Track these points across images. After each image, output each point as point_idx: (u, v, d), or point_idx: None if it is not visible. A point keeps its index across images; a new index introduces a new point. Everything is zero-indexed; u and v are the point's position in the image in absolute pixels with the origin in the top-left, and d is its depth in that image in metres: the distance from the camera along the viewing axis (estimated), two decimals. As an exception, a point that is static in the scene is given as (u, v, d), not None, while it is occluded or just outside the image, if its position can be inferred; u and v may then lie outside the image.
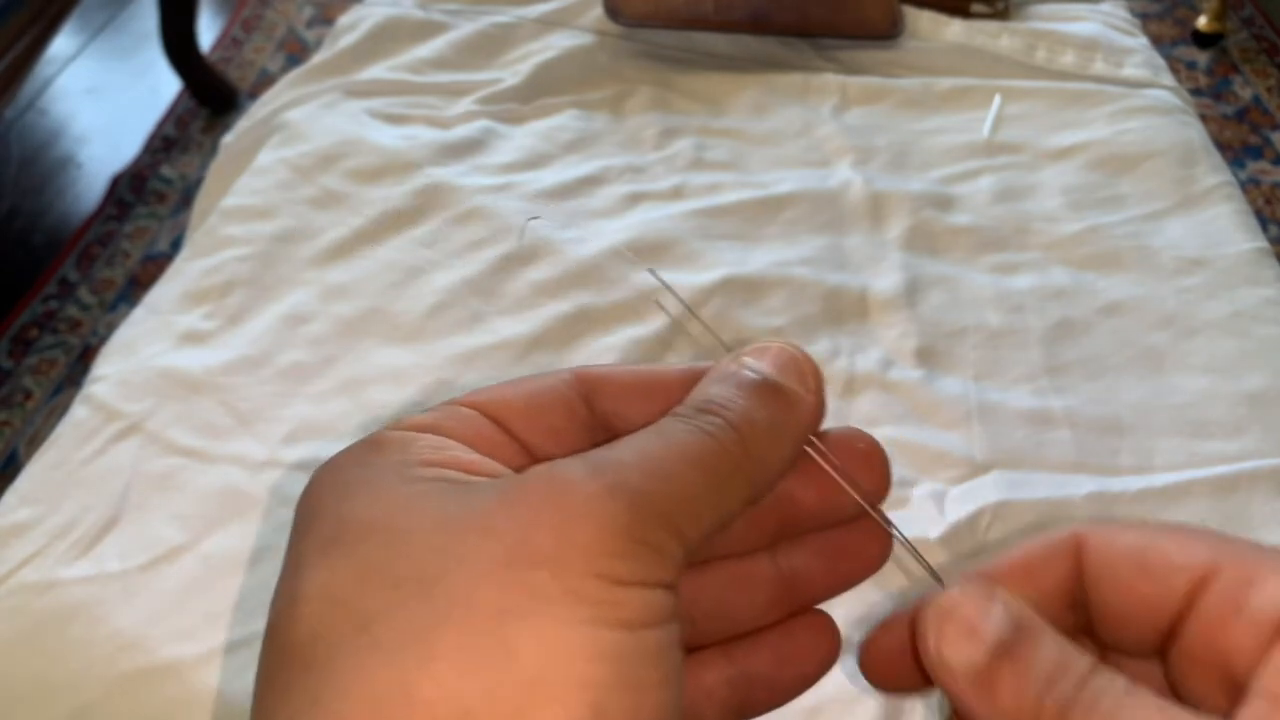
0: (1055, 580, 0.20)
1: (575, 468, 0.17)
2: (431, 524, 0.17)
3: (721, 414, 0.19)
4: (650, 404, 0.21)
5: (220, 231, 0.68)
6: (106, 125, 1.52)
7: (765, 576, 0.22)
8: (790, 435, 0.20)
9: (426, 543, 0.16)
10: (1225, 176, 0.73)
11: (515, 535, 0.16)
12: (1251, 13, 1.58)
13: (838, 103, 0.80)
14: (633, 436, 0.19)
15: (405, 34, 0.86)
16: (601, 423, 0.21)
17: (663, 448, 0.18)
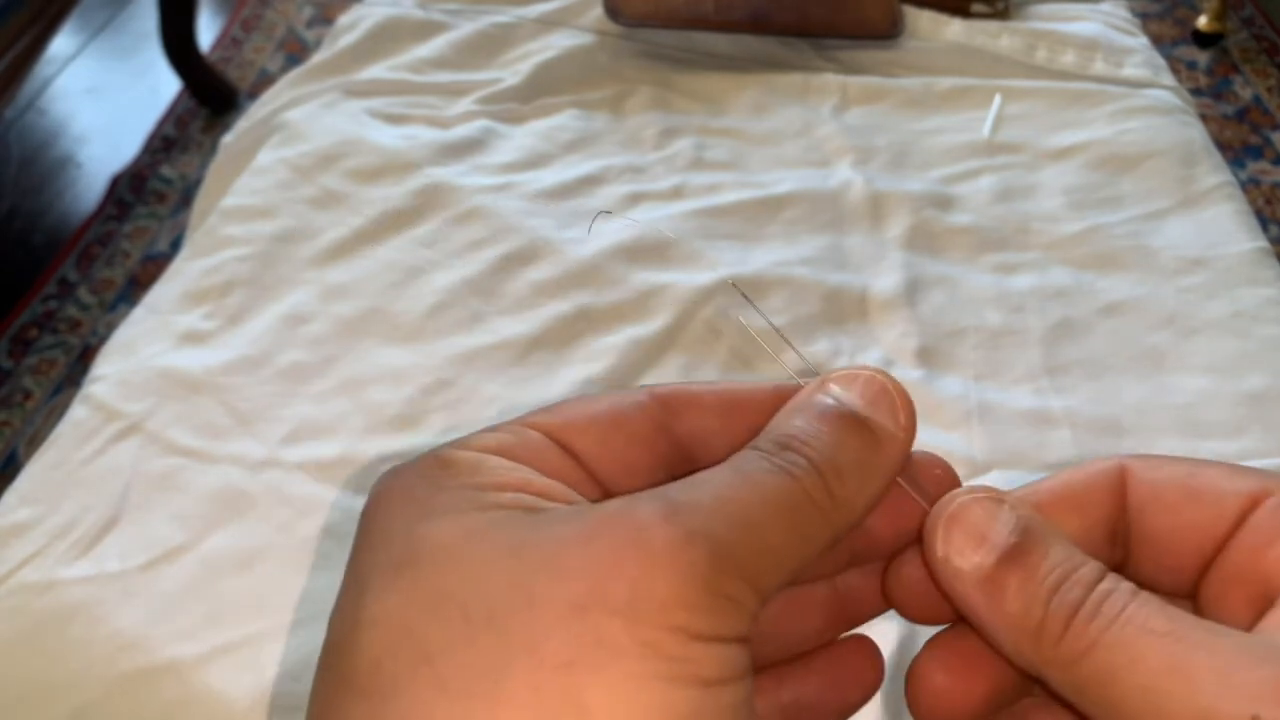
0: (1098, 510, 0.20)
1: (653, 509, 0.16)
2: (506, 554, 0.16)
3: (805, 452, 0.18)
4: (734, 426, 0.20)
5: (220, 231, 0.68)
6: (106, 125, 1.52)
7: (821, 599, 0.22)
8: (878, 475, 0.19)
9: (499, 575, 0.16)
10: (1225, 176, 0.73)
11: (590, 579, 0.16)
12: (1252, 12, 1.58)
13: (838, 102, 0.80)
14: (711, 473, 0.18)
15: (405, 34, 0.86)
16: (679, 446, 0.20)
17: (745, 491, 0.17)
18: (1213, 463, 0.19)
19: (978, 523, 0.19)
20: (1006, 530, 0.18)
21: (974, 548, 0.18)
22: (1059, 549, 0.18)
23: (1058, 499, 0.20)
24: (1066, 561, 0.18)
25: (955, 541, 0.19)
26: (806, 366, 0.21)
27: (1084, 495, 0.20)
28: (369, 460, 0.54)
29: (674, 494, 0.17)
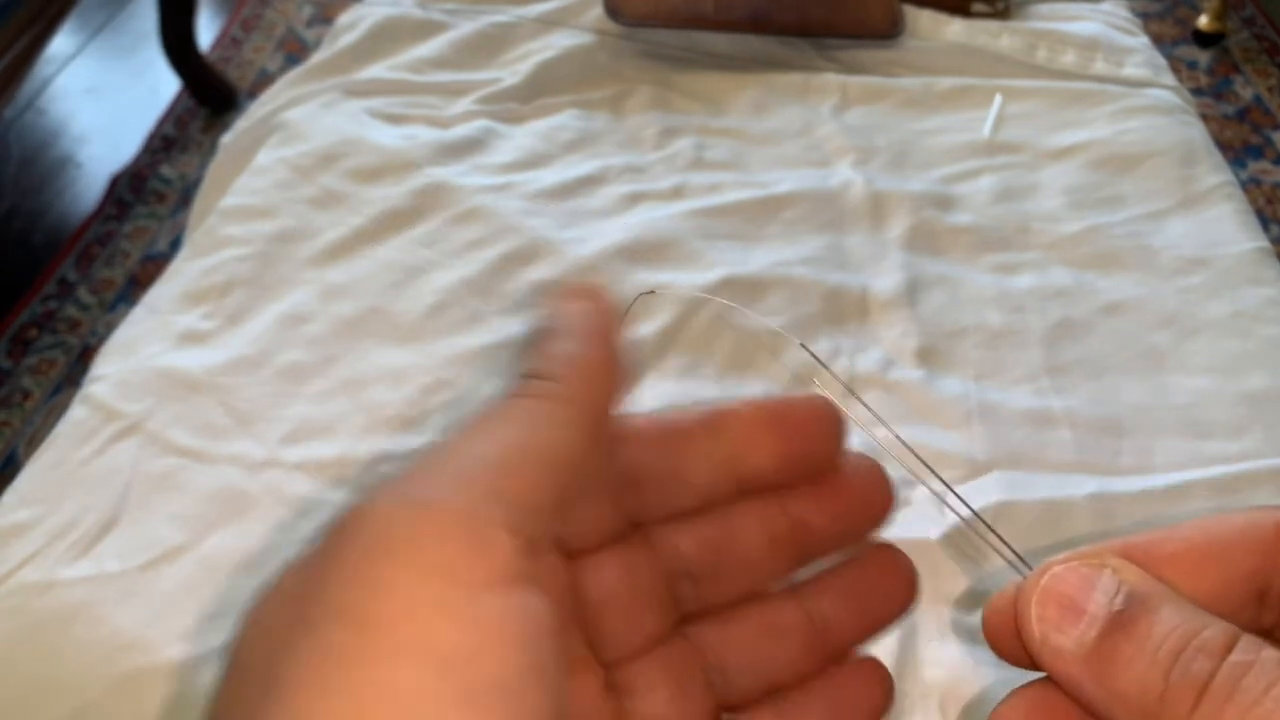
0: (1240, 565, 0.17)
1: (383, 498, 0.16)
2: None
3: (529, 373, 0.18)
4: (676, 456, 0.20)
5: (219, 231, 0.68)
6: (106, 125, 1.51)
7: (794, 623, 0.21)
8: (598, 349, 0.19)
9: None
10: (1226, 176, 0.72)
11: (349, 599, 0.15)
12: (1252, 12, 1.57)
13: (838, 102, 0.80)
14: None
15: (405, 33, 0.86)
16: (628, 478, 0.20)
17: (486, 427, 0.17)
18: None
19: (1074, 593, 0.17)
20: (1108, 598, 0.16)
21: (1072, 622, 0.16)
22: (1173, 610, 0.16)
23: (1187, 551, 0.17)
24: (1185, 624, 0.16)
25: (1050, 617, 0.17)
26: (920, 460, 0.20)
27: (1221, 548, 0.17)
28: (368, 460, 0.54)
29: (400, 481, 0.16)
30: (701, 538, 0.21)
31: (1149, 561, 0.17)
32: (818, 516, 0.21)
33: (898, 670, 0.46)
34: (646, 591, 0.20)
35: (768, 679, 0.21)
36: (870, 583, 0.22)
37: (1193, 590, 0.17)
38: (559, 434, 0.17)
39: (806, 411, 0.21)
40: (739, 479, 0.21)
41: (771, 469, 0.21)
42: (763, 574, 0.21)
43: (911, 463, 0.21)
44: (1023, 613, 0.17)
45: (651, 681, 0.20)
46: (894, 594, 0.22)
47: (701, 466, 0.21)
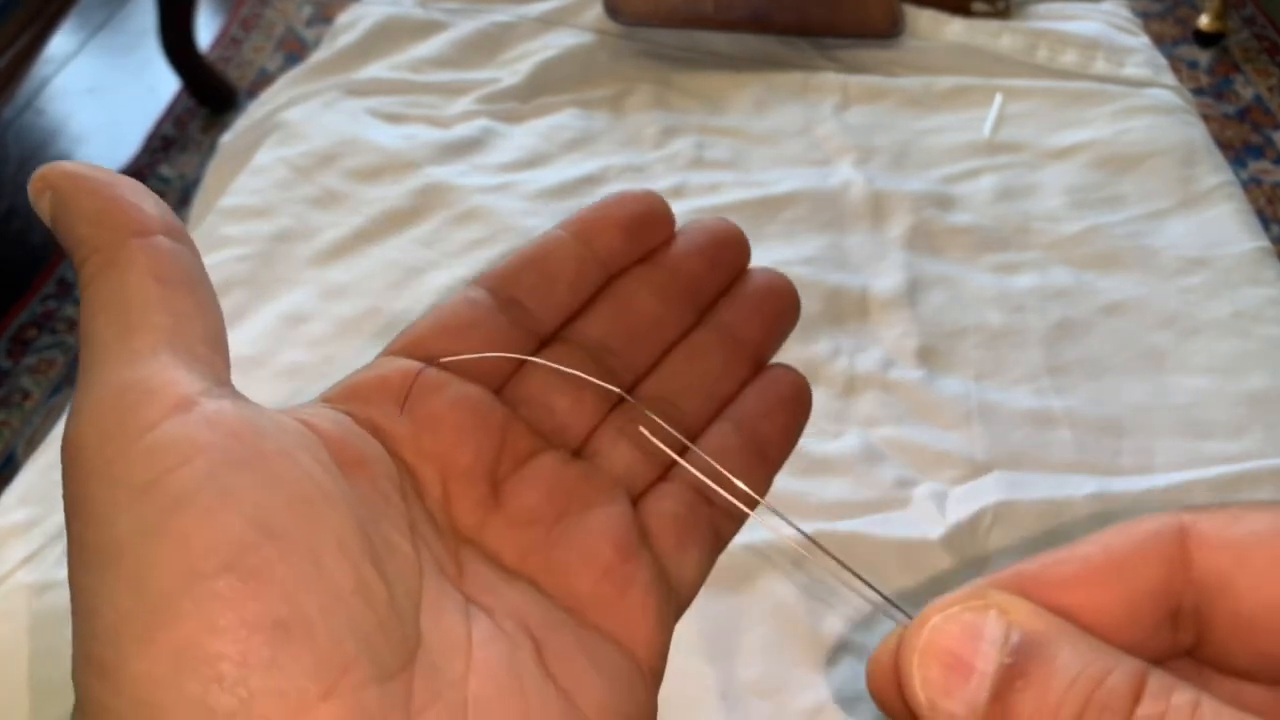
0: (1145, 583, 0.15)
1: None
2: None
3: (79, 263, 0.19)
4: (541, 272, 0.23)
5: (219, 231, 0.68)
6: (105, 124, 1.51)
7: (710, 341, 0.23)
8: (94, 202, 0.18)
9: None
10: (1227, 176, 0.72)
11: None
12: (1253, 12, 1.57)
13: (838, 102, 0.80)
14: None
15: (404, 33, 0.86)
16: (514, 305, 0.23)
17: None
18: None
19: (958, 647, 0.15)
20: (996, 649, 0.14)
21: (959, 683, 0.15)
22: (1073, 653, 0.14)
23: (1085, 573, 0.16)
24: (1087, 670, 0.14)
25: (935, 679, 0.15)
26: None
27: (1122, 565, 0.16)
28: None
29: None
30: (601, 316, 0.23)
31: (1044, 590, 0.15)
32: (687, 262, 0.23)
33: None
34: (581, 382, 0.22)
35: (709, 396, 0.23)
36: (757, 300, 0.24)
37: (1096, 618, 0.15)
38: (118, 283, 0.17)
39: (632, 202, 0.24)
40: (602, 266, 0.23)
41: (623, 245, 0.23)
42: (667, 323, 0.23)
43: (734, 497, 0.21)
44: (905, 675, 0.15)
45: (613, 438, 0.22)
46: (784, 303, 0.24)
47: (565, 269, 0.23)
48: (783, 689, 0.46)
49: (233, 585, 0.14)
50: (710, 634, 0.47)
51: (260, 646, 0.14)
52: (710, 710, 0.45)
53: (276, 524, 0.15)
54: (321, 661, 0.15)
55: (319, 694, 0.14)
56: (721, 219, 0.24)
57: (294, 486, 0.16)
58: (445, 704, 0.16)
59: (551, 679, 0.18)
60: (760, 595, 0.48)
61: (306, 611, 0.15)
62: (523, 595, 0.19)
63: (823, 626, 0.47)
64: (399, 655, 0.16)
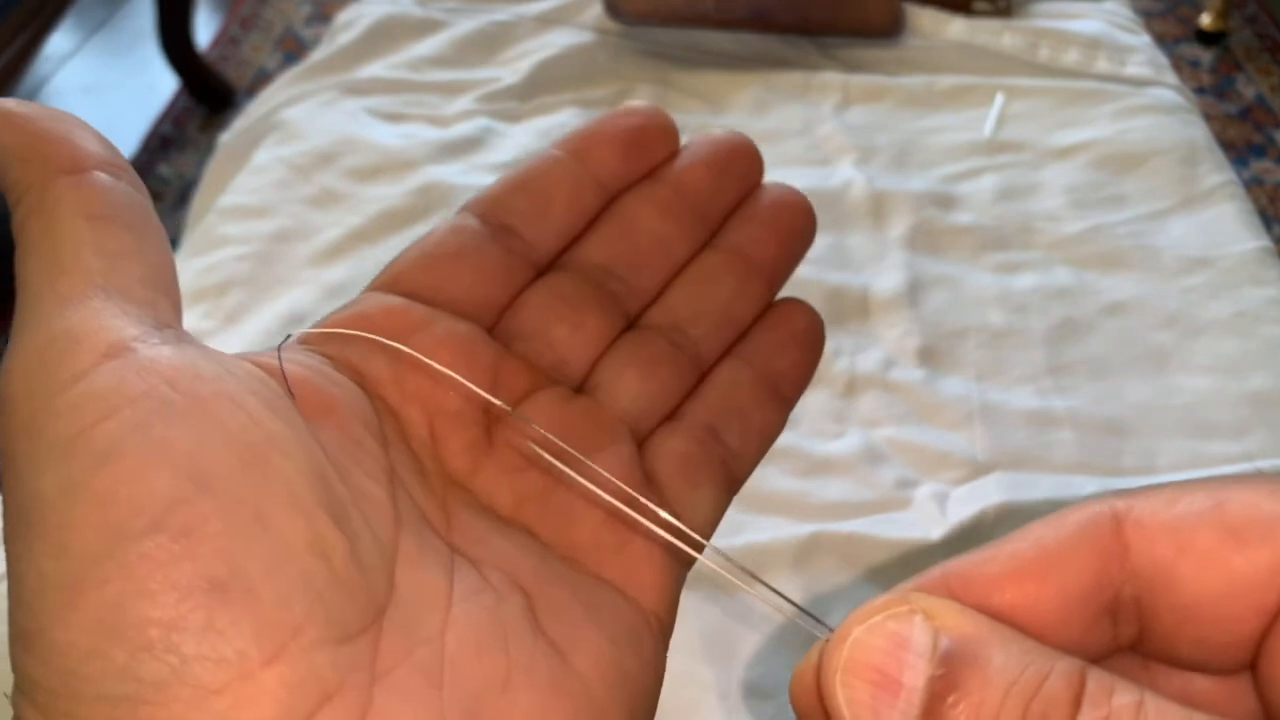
0: (1080, 576, 0.14)
1: None
2: None
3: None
4: (534, 195, 0.21)
5: (217, 231, 0.68)
6: (103, 124, 1.49)
7: (722, 264, 0.22)
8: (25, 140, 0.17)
9: None
10: (1229, 175, 0.72)
11: None
12: (1255, 11, 1.57)
13: (839, 101, 0.80)
14: None
15: (404, 32, 0.86)
16: (506, 232, 0.22)
17: None
18: (1235, 479, 0.14)
19: (882, 661, 0.13)
20: (925, 660, 0.13)
21: (887, 701, 0.13)
22: (1006, 658, 0.13)
23: (1016, 569, 0.14)
24: (1024, 676, 0.13)
25: (861, 699, 0.13)
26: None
27: (1055, 558, 0.14)
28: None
29: None
30: (602, 239, 0.22)
31: (973, 591, 0.14)
32: (693, 176, 0.22)
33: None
34: (576, 301, 0.21)
35: (721, 322, 0.22)
36: (770, 217, 0.23)
37: (1029, 618, 0.14)
38: (46, 225, 0.16)
39: (636, 115, 0.22)
40: (600, 186, 0.21)
41: (620, 164, 0.22)
42: (674, 244, 0.22)
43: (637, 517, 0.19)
44: (828, 696, 0.14)
45: (618, 370, 0.21)
46: (799, 220, 0.23)
47: (561, 190, 0.21)
48: (783, 690, 0.45)
49: (162, 545, 0.13)
50: (710, 635, 0.47)
51: (194, 610, 0.13)
52: (710, 711, 0.44)
53: (214, 476, 0.14)
54: (265, 623, 0.14)
55: (262, 659, 0.13)
56: (731, 130, 0.23)
57: (237, 434, 0.15)
58: (417, 662, 0.15)
59: (543, 633, 0.17)
60: (760, 596, 0.48)
61: (247, 570, 0.14)
62: (516, 545, 0.18)
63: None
64: (361, 613, 0.15)
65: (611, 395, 0.20)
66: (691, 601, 0.48)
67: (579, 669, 0.17)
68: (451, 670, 0.15)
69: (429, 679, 0.15)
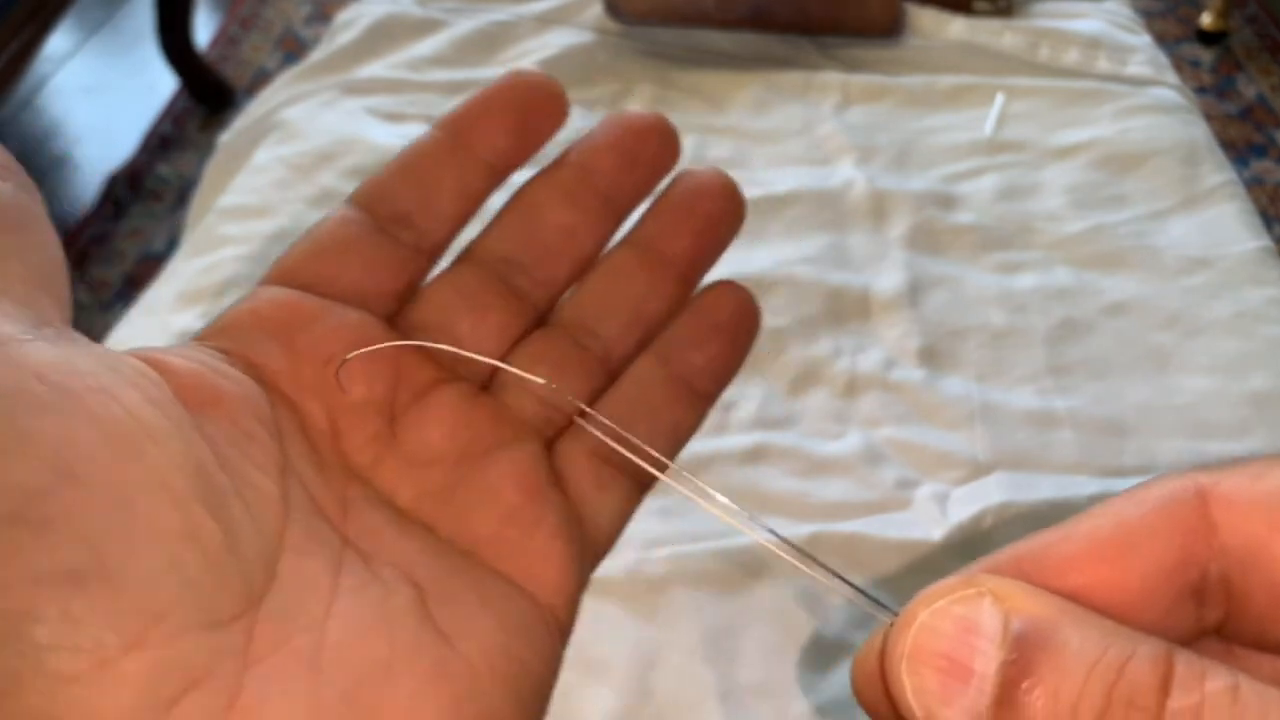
0: (1164, 560, 0.13)
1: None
2: None
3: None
4: (419, 182, 0.20)
5: (217, 231, 0.68)
6: (103, 124, 1.51)
7: (631, 260, 0.21)
8: None
9: None
10: (1229, 175, 0.72)
11: None
12: (1255, 11, 1.57)
13: (839, 101, 0.80)
14: None
15: (403, 31, 0.86)
16: (396, 221, 0.20)
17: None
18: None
19: (951, 648, 0.13)
20: (995, 645, 0.12)
21: (958, 689, 0.13)
22: (1084, 639, 0.12)
23: (1094, 549, 0.14)
24: (1105, 658, 0.12)
25: (930, 687, 0.13)
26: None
27: (1136, 537, 0.14)
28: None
29: None
30: (504, 229, 0.21)
31: (1047, 573, 0.14)
32: (599, 160, 0.21)
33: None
34: (479, 294, 0.20)
35: (631, 321, 0.21)
36: (685, 205, 0.21)
37: (1108, 600, 0.13)
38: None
39: (519, 84, 0.21)
40: (490, 169, 0.21)
41: (509, 146, 0.20)
42: (580, 234, 0.21)
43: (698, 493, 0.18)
44: (894, 683, 0.13)
45: (527, 366, 0.20)
46: (718, 206, 0.21)
47: (447, 178, 0.20)
48: (783, 691, 0.45)
49: (18, 537, 0.13)
50: (710, 636, 0.47)
51: (48, 601, 0.13)
52: (710, 712, 0.44)
53: (80, 467, 0.14)
54: (125, 610, 0.13)
55: (121, 645, 0.13)
56: (648, 112, 0.21)
57: (109, 426, 0.14)
58: (294, 649, 0.15)
59: (430, 622, 0.17)
60: (760, 597, 0.48)
61: (109, 559, 0.14)
62: (412, 539, 0.18)
63: (824, 628, 0.47)
64: (235, 600, 0.15)
65: (517, 394, 0.20)
66: (691, 601, 0.48)
67: (465, 654, 0.17)
68: (331, 657, 0.15)
69: (306, 665, 0.15)
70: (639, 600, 0.47)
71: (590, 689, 0.44)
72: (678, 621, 0.47)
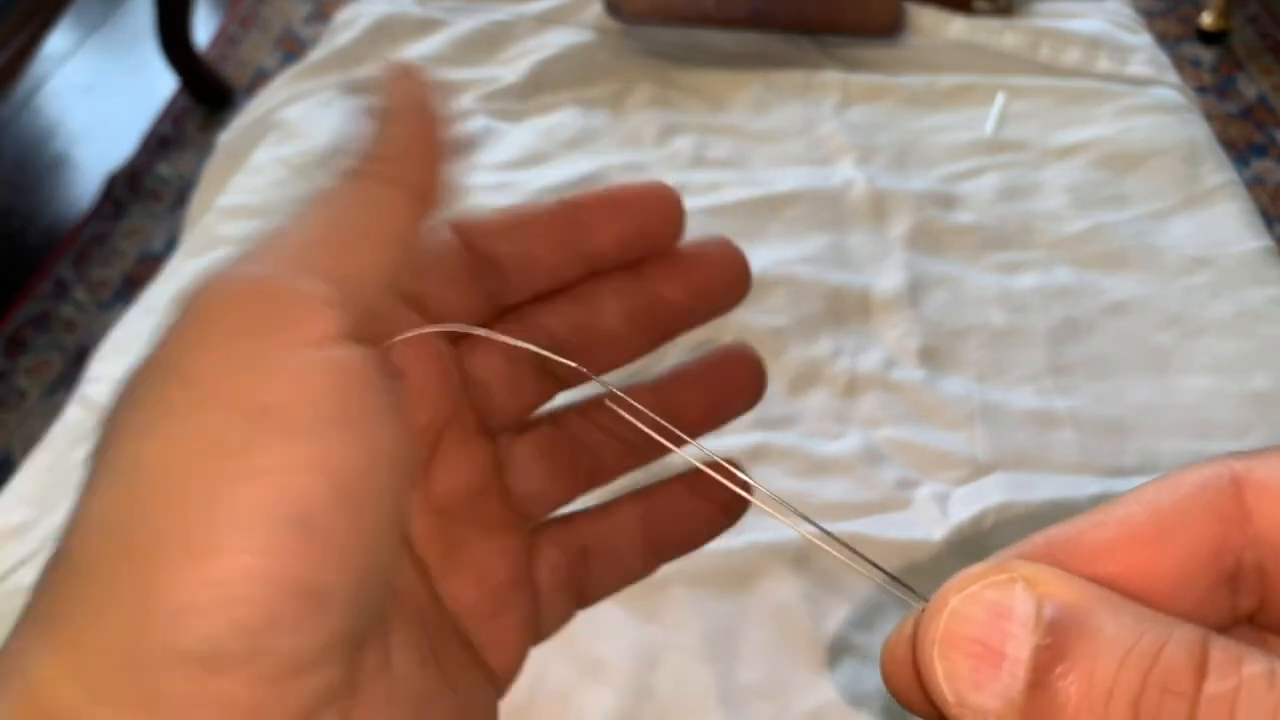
0: (1200, 546, 0.13)
1: (218, 275, 0.16)
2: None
3: (347, 165, 0.19)
4: (525, 240, 0.20)
5: (216, 230, 0.68)
6: (102, 123, 1.51)
7: (648, 408, 0.21)
8: (406, 124, 0.19)
9: None
10: (1230, 175, 0.72)
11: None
12: (1256, 10, 1.57)
13: (839, 100, 0.79)
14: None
15: (403, 31, 0.86)
16: (488, 264, 0.21)
17: (302, 211, 0.18)
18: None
19: (983, 632, 0.13)
20: (1028, 629, 0.12)
21: (989, 674, 0.12)
22: (1118, 625, 0.12)
23: (1127, 536, 0.14)
24: (1139, 644, 0.12)
25: (961, 673, 0.13)
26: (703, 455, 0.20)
27: (1170, 523, 0.13)
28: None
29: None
30: (564, 316, 0.21)
31: (1081, 557, 0.14)
32: (671, 291, 0.22)
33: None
34: (523, 366, 0.21)
35: (626, 461, 0.22)
36: (719, 375, 0.22)
37: (1143, 586, 0.13)
38: (385, 213, 0.18)
39: (645, 192, 0.21)
40: (587, 258, 0.21)
41: (615, 247, 0.21)
42: (624, 351, 0.22)
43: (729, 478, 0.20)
44: (925, 668, 0.13)
45: (532, 456, 0.21)
46: (743, 385, 0.22)
47: (549, 249, 0.21)
48: (784, 691, 0.45)
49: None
50: (711, 636, 0.46)
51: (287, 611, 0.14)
52: (711, 713, 0.44)
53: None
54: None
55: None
56: (724, 242, 0.22)
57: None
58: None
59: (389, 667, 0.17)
60: (761, 597, 0.48)
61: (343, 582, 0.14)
62: (411, 574, 0.19)
63: (824, 628, 0.47)
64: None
65: (520, 478, 0.21)
66: (691, 601, 0.47)
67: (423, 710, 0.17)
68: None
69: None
70: (639, 600, 0.47)
71: (590, 689, 0.44)
72: (678, 621, 0.47)
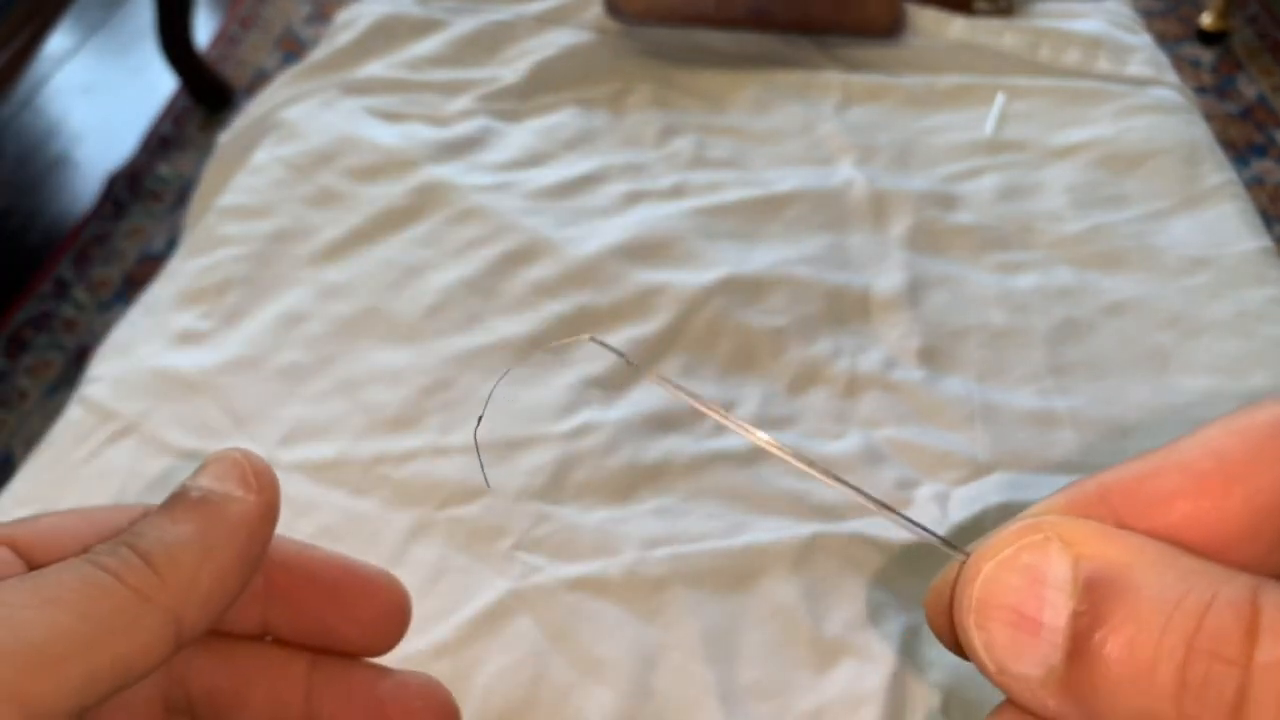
0: (1270, 490, 0.12)
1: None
2: None
3: (129, 542, 0.16)
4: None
5: (216, 230, 0.68)
6: (102, 123, 1.51)
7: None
8: (224, 547, 0.17)
9: None
10: (1230, 175, 0.72)
11: None
12: (1256, 10, 1.57)
13: (839, 100, 0.80)
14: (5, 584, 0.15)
15: (403, 31, 0.86)
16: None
17: (27, 594, 0.14)
18: None
19: (1019, 600, 0.12)
20: (1065, 594, 0.12)
21: (1028, 643, 0.12)
22: (1162, 581, 0.11)
23: (1190, 483, 0.13)
24: (1185, 600, 0.11)
25: (1000, 642, 0.12)
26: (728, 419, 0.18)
27: (1239, 470, 0.12)
28: (367, 461, 0.54)
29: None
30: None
31: (1139, 506, 0.13)
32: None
33: (901, 673, 0.45)
34: None
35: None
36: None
37: (1208, 534, 0.12)
38: (124, 638, 0.15)
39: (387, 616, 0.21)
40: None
41: (334, 643, 0.21)
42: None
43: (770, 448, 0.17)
44: (964, 636, 0.13)
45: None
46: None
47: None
48: (784, 691, 0.45)
49: None
50: (710, 636, 0.46)
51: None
52: (711, 713, 0.44)
53: None
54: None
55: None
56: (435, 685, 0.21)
57: None
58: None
59: None
60: (760, 597, 0.48)
61: None
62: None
63: (823, 628, 0.47)
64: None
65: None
66: (691, 601, 0.47)
67: None
68: None
69: None
70: (639, 600, 0.47)
71: (590, 689, 0.44)
72: (678, 621, 0.47)
